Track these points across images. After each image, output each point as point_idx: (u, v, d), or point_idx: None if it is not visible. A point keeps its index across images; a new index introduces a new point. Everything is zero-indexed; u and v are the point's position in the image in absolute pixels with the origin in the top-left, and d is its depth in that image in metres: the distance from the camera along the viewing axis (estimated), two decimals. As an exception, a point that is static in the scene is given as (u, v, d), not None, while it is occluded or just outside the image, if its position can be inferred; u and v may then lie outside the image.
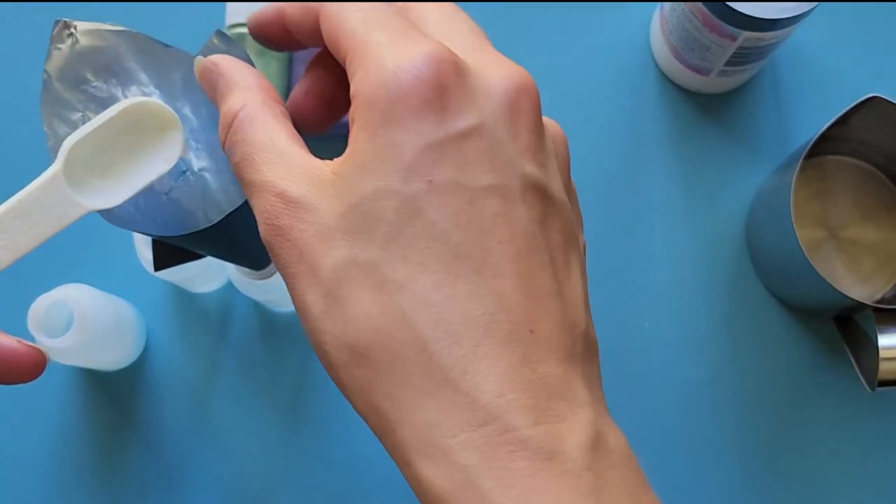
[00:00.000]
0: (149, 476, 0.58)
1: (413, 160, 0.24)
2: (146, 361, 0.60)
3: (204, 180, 0.38)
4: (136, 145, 0.32)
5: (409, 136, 0.25)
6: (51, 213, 0.31)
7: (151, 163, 0.32)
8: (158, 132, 0.32)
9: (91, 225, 0.61)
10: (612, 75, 0.63)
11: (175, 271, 0.54)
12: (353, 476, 0.58)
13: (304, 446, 0.59)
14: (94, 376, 0.59)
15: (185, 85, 0.35)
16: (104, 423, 0.59)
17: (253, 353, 0.60)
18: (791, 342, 0.60)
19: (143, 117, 0.32)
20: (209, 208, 0.35)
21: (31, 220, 0.31)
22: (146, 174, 0.32)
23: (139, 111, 0.32)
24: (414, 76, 0.25)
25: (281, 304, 0.59)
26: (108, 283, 0.58)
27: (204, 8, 0.62)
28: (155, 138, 0.32)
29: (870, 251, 0.60)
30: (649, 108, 0.63)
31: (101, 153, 0.32)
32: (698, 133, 0.62)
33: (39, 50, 0.36)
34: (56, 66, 0.34)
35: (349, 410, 0.59)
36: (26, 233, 0.31)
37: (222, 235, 0.37)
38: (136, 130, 0.32)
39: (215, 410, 0.59)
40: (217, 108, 0.31)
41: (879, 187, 0.61)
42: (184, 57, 0.36)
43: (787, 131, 0.62)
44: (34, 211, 0.31)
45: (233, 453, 0.59)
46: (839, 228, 0.60)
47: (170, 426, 0.59)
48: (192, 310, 0.60)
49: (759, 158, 0.62)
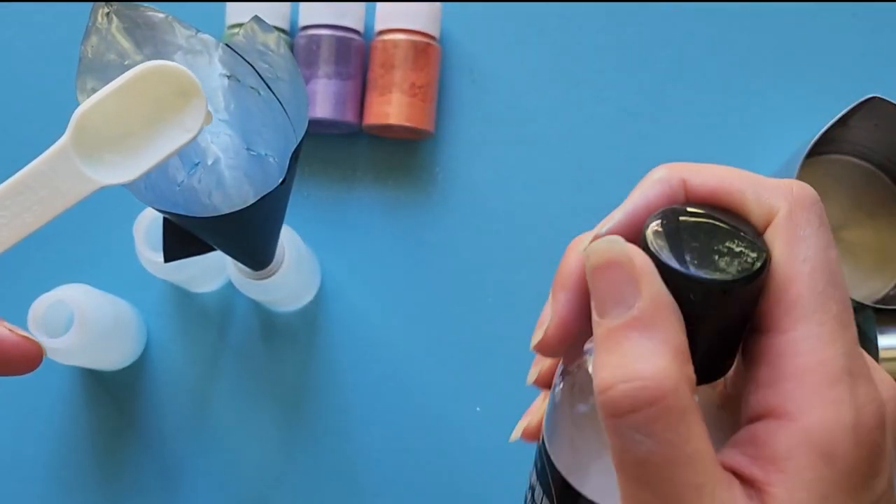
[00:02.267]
0: (149, 475, 0.58)
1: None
2: (146, 361, 0.60)
3: (218, 174, 0.38)
4: (154, 115, 0.29)
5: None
6: (59, 188, 0.28)
7: (171, 134, 0.29)
8: (178, 100, 0.29)
9: (91, 225, 0.62)
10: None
11: (175, 271, 0.54)
12: (353, 475, 0.58)
13: (304, 446, 0.59)
14: (94, 376, 0.59)
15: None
16: (104, 423, 0.59)
17: (253, 353, 0.60)
18: (791, 342, 0.59)
19: (162, 84, 0.28)
20: (221, 201, 0.35)
21: (36, 197, 0.28)
22: (165, 146, 0.29)
23: (157, 76, 0.28)
24: (872, 437, 0.21)
25: (281, 304, 0.59)
26: (108, 283, 0.58)
27: (204, 8, 0.62)
28: (175, 107, 0.29)
29: (870, 251, 0.60)
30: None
31: (115, 124, 0.28)
32: (698, 133, 0.62)
33: (39, 50, 0.35)
34: (92, 44, 0.32)
35: (348, 410, 0.59)
36: (31, 210, 0.28)
37: (232, 228, 0.37)
38: (153, 98, 0.28)
39: (215, 410, 0.59)
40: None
41: (879, 187, 0.61)
42: (211, 43, 0.35)
43: (787, 131, 0.62)
44: (40, 186, 0.28)
45: (232, 453, 0.59)
46: (839, 228, 0.60)
47: (170, 426, 0.59)
48: (192, 310, 0.60)
49: (760, 158, 0.62)
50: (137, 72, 0.28)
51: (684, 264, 0.22)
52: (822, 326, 0.22)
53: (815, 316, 0.22)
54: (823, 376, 0.21)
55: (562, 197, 0.61)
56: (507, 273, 0.60)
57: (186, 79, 0.29)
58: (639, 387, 0.21)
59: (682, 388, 0.21)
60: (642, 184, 0.25)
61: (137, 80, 0.28)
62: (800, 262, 0.22)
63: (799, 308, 0.22)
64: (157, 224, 0.53)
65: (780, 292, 0.22)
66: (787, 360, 0.22)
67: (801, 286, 0.22)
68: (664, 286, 0.22)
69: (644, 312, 0.22)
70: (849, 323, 0.22)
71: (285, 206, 0.42)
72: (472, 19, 0.63)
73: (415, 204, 0.61)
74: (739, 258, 0.22)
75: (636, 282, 0.22)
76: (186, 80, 0.29)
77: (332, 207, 0.61)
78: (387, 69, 0.59)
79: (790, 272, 0.22)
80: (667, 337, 0.22)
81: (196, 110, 0.29)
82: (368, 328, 0.60)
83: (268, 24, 0.34)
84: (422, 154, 0.62)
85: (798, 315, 0.22)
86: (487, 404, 0.59)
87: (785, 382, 0.22)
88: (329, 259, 0.61)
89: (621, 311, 0.22)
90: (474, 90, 0.63)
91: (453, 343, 0.60)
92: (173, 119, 0.29)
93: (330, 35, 0.59)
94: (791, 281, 0.22)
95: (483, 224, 0.61)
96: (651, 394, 0.21)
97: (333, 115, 0.59)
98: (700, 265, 0.22)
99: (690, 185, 0.24)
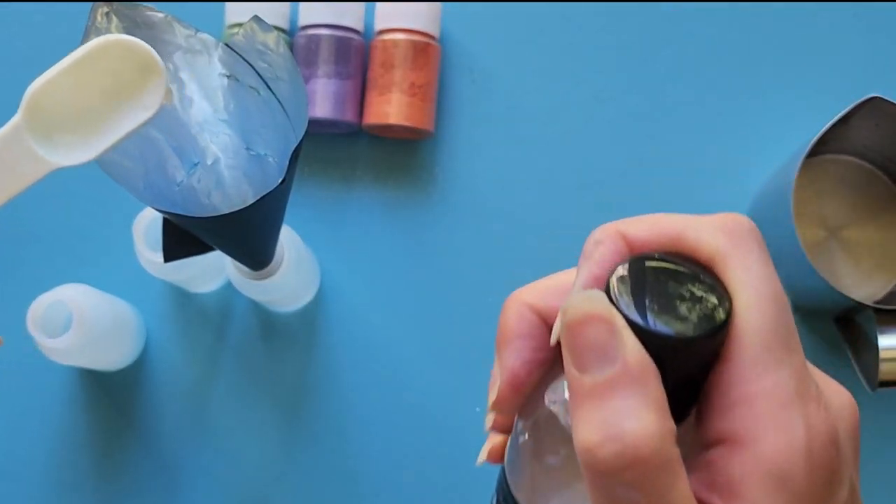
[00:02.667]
0: (148, 475, 0.58)
1: None
2: (146, 361, 0.60)
3: (218, 173, 0.38)
4: (113, 92, 0.27)
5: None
6: (12, 169, 0.27)
7: (130, 112, 0.28)
8: (138, 76, 0.28)
9: (91, 225, 0.62)
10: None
11: (174, 271, 0.54)
12: (352, 475, 0.58)
13: (303, 446, 0.59)
14: (94, 376, 0.59)
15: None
16: (103, 423, 0.59)
17: (252, 353, 0.60)
18: (791, 342, 0.59)
19: (120, 59, 0.27)
20: (221, 201, 0.35)
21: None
22: (123, 125, 0.28)
23: (115, 51, 0.27)
24: (827, 457, 0.22)
25: (280, 304, 0.59)
26: (108, 283, 0.58)
27: (204, 8, 0.62)
28: (134, 84, 0.28)
29: (870, 251, 0.60)
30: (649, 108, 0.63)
31: (71, 101, 0.27)
32: (698, 133, 0.62)
33: (39, 50, 0.35)
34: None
35: (347, 410, 0.59)
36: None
37: (231, 228, 0.37)
38: (111, 74, 0.27)
39: (215, 410, 0.59)
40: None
41: (879, 187, 0.61)
42: (211, 43, 0.35)
43: (788, 131, 0.62)
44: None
45: (232, 453, 0.59)
46: (839, 228, 0.60)
47: (169, 426, 0.59)
48: (191, 310, 0.60)
49: (759, 158, 0.62)
50: (94, 46, 0.27)
51: (646, 316, 0.22)
52: (769, 353, 0.22)
53: (762, 342, 0.22)
54: (773, 400, 0.22)
55: (562, 197, 0.61)
56: (507, 273, 0.60)
57: (146, 54, 0.27)
58: (630, 447, 0.21)
59: (668, 441, 0.22)
60: (585, 251, 0.25)
61: (94, 56, 0.27)
62: (746, 293, 0.23)
63: (746, 336, 0.22)
64: (157, 224, 0.53)
65: (727, 323, 0.23)
66: (736, 387, 0.22)
67: (750, 315, 0.22)
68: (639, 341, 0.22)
69: (632, 367, 0.22)
70: (795, 347, 0.23)
71: (285, 206, 0.42)
72: (472, 19, 0.63)
73: (415, 204, 0.61)
74: (701, 303, 0.23)
75: (619, 336, 0.22)
76: (146, 55, 0.27)
77: (332, 207, 0.61)
78: (386, 69, 0.59)
79: (738, 304, 0.23)
80: (651, 392, 0.22)
81: (156, 87, 0.28)
82: (368, 328, 0.60)
83: (267, 23, 0.34)
84: (422, 154, 0.62)
85: (745, 343, 0.22)
86: (487, 404, 0.59)
87: (736, 409, 0.22)
88: (329, 259, 0.61)
89: (604, 366, 0.22)
90: (474, 90, 0.63)
91: (453, 343, 0.60)
92: (132, 96, 0.28)
93: (329, 35, 0.59)
94: (739, 312, 0.23)
95: (483, 224, 0.61)
96: (641, 453, 0.21)
97: (333, 115, 0.59)
98: (662, 314, 0.22)
99: (630, 238, 0.24)
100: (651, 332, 0.22)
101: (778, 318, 0.23)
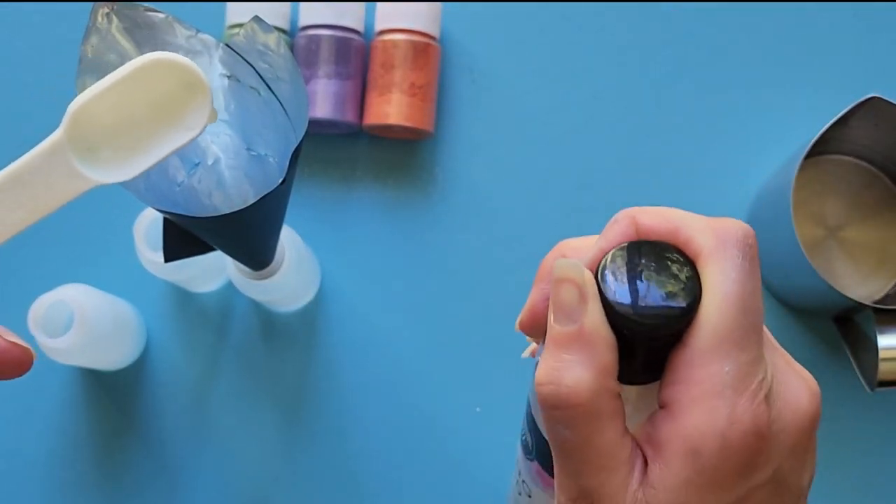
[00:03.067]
0: (148, 475, 0.58)
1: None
2: (146, 361, 0.60)
3: (218, 174, 0.38)
4: (156, 110, 0.27)
5: (713, 498, 0.26)
6: (51, 186, 0.27)
7: (172, 132, 0.27)
8: (182, 95, 0.27)
9: (91, 225, 0.62)
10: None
11: (175, 271, 0.54)
12: (352, 475, 0.58)
13: (303, 445, 0.59)
14: (94, 376, 0.59)
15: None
16: (104, 423, 0.59)
17: (252, 353, 0.60)
18: (791, 342, 0.59)
19: (166, 77, 0.27)
20: (221, 201, 0.35)
21: (28, 193, 0.27)
22: (165, 145, 0.27)
23: (161, 69, 0.27)
24: (743, 444, 0.25)
25: (281, 304, 0.59)
26: (108, 283, 0.58)
27: (204, 8, 0.62)
28: (178, 102, 0.27)
29: (869, 251, 0.60)
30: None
31: (113, 118, 0.27)
32: (698, 133, 0.62)
33: (39, 50, 0.35)
34: (92, 44, 0.32)
35: (347, 410, 0.59)
36: (23, 206, 0.27)
37: (232, 228, 0.37)
38: (156, 93, 0.27)
39: (215, 410, 0.59)
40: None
41: (879, 187, 0.61)
42: (211, 43, 0.35)
43: (787, 131, 0.62)
44: (32, 183, 0.27)
45: (232, 452, 0.59)
46: (839, 228, 0.60)
47: (169, 426, 0.59)
48: (192, 310, 0.60)
49: (759, 158, 0.62)
50: (140, 63, 0.26)
51: (616, 293, 0.26)
52: (719, 347, 0.26)
53: (715, 337, 0.26)
54: (708, 387, 0.26)
55: (562, 197, 0.61)
56: (507, 273, 0.60)
57: (192, 73, 0.27)
58: (563, 394, 0.26)
59: (602, 397, 0.26)
60: (605, 227, 0.29)
61: (139, 73, 0.26)
62: (714, 292, 0.26)
63: (703, 329, 0.26)
64: (157, 224, 0.53)
65: (687, 314, 0.27)
66: (685, 368, 0.26)
67: (710, 311, 0.26)
68: (603, 312, 0.26)
69: (586, 331, 0.26)
70: (747, 347, 0.26)
71: (285, 207, 0.42)
72: (472, 19, 0.63)
73: (415, 204, 0.61)
74: (669, 294, 0.26)
75: (585, 302, 0.26)
76: (192, 74, 0.27)
77: (332, 207, 0.61)
78: (387, 69, 0.59)
79: (705, 300, 0.26)
80: (595, 355, 0.26)
81: (201, 107, 0.27)
82: (368, 328, 0.60)
83: (268, 24, 0.34)
84: (422, 154, 0.62)
85: (701, 334, 0.26)
86: (487, 404, 0.59)
87: (679, 385, 0.26)
88: (329, 259, 0.61)
89: (568, 323, 0.27)
90: (474, 90, 0.63)
91: (453, 343, 0.60)
92: (175, 116, 0.27)
93: (330, 35, 0.59)
94: (704, 306, 0.26)
95: (483, 224, 0.61)
96: (571, 401, 0.26)
97: (333, 115, 0.59)
98: (633, 295, 0.26)
99: (639, 224, 0.28)
100: (615, 307, 0.26)
101: (736, 319, 0.26)
